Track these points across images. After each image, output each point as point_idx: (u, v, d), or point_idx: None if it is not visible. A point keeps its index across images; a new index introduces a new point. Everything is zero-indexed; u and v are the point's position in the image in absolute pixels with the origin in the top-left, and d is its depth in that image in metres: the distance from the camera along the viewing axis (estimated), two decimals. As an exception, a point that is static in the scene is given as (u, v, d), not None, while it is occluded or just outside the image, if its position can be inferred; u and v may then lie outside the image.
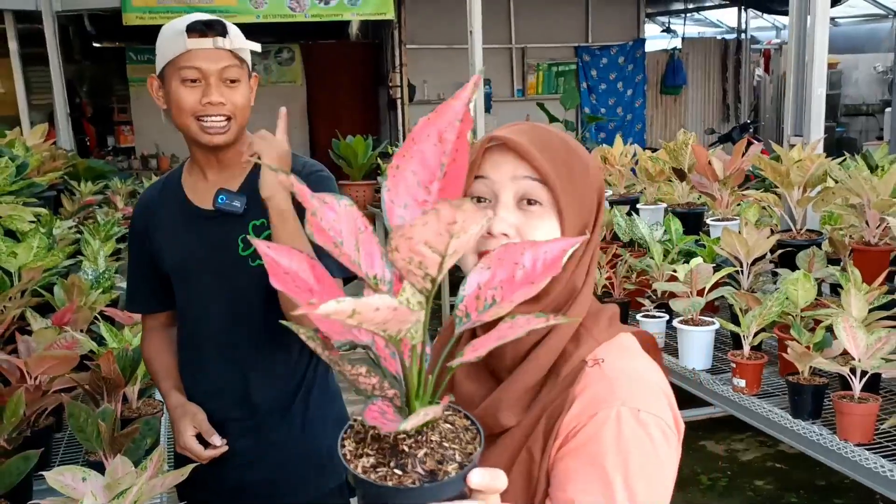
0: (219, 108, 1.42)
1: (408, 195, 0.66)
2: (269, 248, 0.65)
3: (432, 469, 0.64)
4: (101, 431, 1.49)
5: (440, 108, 0.66)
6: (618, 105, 10.08)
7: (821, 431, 1.89)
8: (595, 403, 0.83)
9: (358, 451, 0.66)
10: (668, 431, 0.84)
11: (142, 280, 1.61)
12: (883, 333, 1.80)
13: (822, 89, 2.79)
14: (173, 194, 1.55)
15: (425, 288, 0.62)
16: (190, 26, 1.39)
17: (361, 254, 0.64)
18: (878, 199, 2.31)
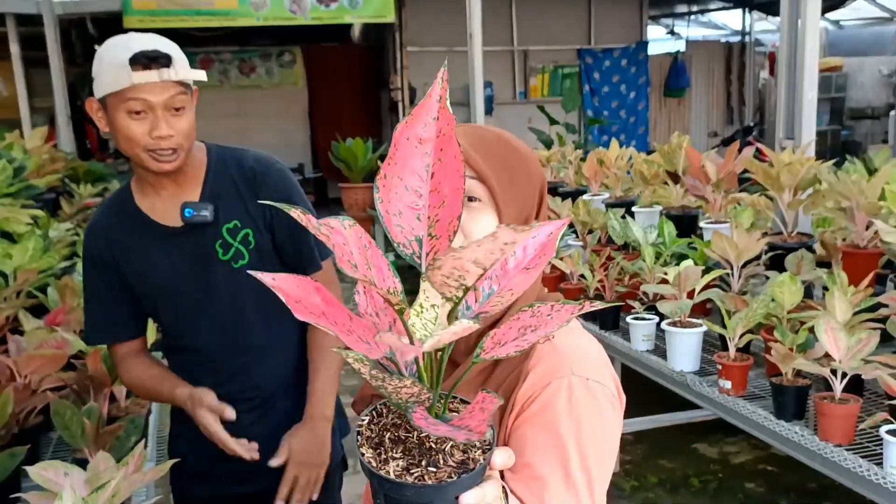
0: (167, 141, 1.41)
1: (400, 203, 0.67)
2: (275, 279, 0.65)
3: (462, 459, 0.67)
4: (86, 429, 1.51)
5: (415, 110, 0.67)
6: (621, 108, 10.09)
7: (802, 432, 1.90)
8: (547, 374, 0.90)
9: (382, 457, 0.67)
10: (613, 399, 0.92)
11: (104, 310, 1.56)
12: (864, 335, 1.81)
13: (813, 93, 2.80)
14: (132, 217, 1.52)
15: (456, 296, 0.64)
16: (133, 59, 1.36)
17: (373, 271, 0.65)
18: (867, 202, 2.32)
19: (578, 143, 6.38)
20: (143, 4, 6.49)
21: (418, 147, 0.67)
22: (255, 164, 1.54)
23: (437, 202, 0.68)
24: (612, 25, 9.98)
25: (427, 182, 0.67)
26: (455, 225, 0.68)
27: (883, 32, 10.86)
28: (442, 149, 0.67)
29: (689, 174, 3.12)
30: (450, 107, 0.67)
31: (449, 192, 0.68)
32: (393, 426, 0.70)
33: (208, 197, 1.50)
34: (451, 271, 0.61)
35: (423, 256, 0.67)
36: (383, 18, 7.48)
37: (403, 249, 0.68)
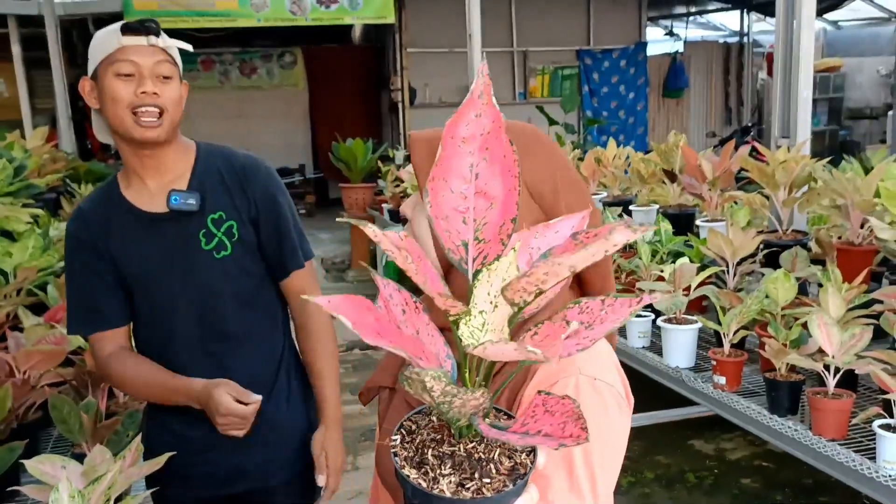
0: (153, 99, 1.43)
1: (446, 206, 0.65)
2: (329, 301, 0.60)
3: (511, 466, 0.64)
4: (84, 423, 1.52)
5: (460, 108, 0.64)
6: (620, 108, 10.11)
7: (796, 427, 1.91)
8: (555, 373, 0.88)
9: (431, 476, 0.63)
10: (621, 399, 0.89)
11: (84, 297, 1.55)
12: (857, 330, 1.82)
13: (808, 91, 2.82)
14: (116, 205, 1.53)
15: (524, 301, 0.61)
16: (125, 25, 1.44)
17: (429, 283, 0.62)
18: (861, 200, 2.33)
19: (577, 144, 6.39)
20: (144, 5, 6.52)
21: (462, 146, 0.64)
22: (244, 160, 1.58)
23: (485, 204, 0.65)
24: (611, 26, 10.00)
25: (472, 183, 0.64)
26: (508, 228, 0.65)
27: (881, 33, 10.87)
28: (487, 147, 0.64)
29: (686, 173, 3.14)
30: (496, 103, 0.64)
31: (500, 194, 0.64)
32: (433, 441, 0.67)
33: (195, 187, 1.53)
34: (540, 276, 0.58)
35: (469, 262, 0.65)
36: (383, 19, 7.50)
37: (452, 255, 0.65)
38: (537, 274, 0.58)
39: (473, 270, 0.64)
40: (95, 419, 1.56)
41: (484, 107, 0.64)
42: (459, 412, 0.61)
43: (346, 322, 0.58)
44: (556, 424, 0.61)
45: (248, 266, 1.55)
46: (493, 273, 0.61)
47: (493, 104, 0.64)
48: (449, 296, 0.61)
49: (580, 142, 7.31)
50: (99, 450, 1.30)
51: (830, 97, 10.67)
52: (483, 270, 0.61)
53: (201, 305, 1.53)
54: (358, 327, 0.59)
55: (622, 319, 0.62)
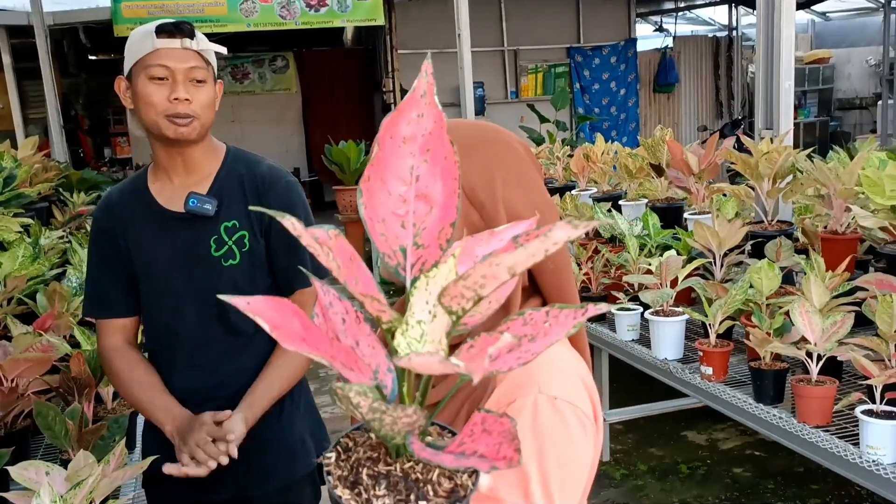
0: (185, 106, 1.46)
1: (383, 208, 0.61)
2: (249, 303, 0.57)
3: (451, 488, 0.61)
4: (69, 430, 1.53)
5: (399, 106, 0.61)
6: (611, 105, 10.12)
7: (781, 415, 1.93)
8: (514, 390, 0.84)
9: (363, 497, 0.60)
10: (585, 419, 0.85)
11: (107, 282, 1.59)
12: (838, 317, 1.84)
13: (790, 82, 2.83)
14: (140, 198, 1.58)
15: (463, 308, 0.57)
16: (159, 27, 1.45)
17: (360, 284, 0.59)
18: (844, 188, 2.35)
19: (569, 141, 6.41)
20: (133, 13, 6.53)
21: (402, 147, 0.61)
22: (266, 171, 1.58)
23: (425, 209, 0.62)
24: (601, 23, 10.02)
25: (412, 186, 0.61)
26: (448, 232, 0.62)
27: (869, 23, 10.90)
28: (429, 149, 0.61)
29: (672, 166, 3.15)
30: (438, 102, 0.61)
31: (440, 196, 0.61)
32: (369, 460, 0.63)
33: (215, 193, 1.54)
34: (478, 280, 0.54)
35: (408, 268, 0.61)
36: (373, 21, 7.51)
37: (388, 260, 0.62)
38: (474, 277, 0.54)
39: (412, 277, 0.61)
40: (81, 425, 1.56)
41: (426, 106, 0.60)
42: (392, 430, 0.58)
43: (265, 325, 0.55)
44: (493, 445, 0.58)
45: (255, 277, 1.56)
46: (431, 280, 0.57)
47: (436, 104, 0.61)
48: (381, 300, 0.58)
49: (572, 139, 7.33)
50: (82, 455, 1.31)
51: (820, 88, 10.71)
52: (421, 277, 0.57)
53: (204, 309, 1.54)
54: (277, 331, 0.56)
55: (566, 331, 0.59)
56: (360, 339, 0.62)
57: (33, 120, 7.60)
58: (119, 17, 6.45)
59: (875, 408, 1.71)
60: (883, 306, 1.77)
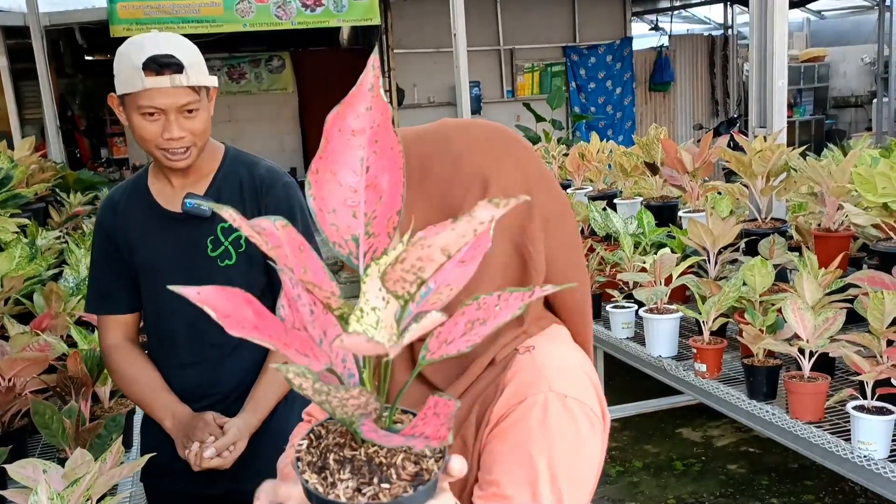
0: (179, 142, 1.48)
1: (334, 199, 0.62)
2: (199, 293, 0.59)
3: (416, 472, 0.62)
4: (66, 428, 1.54)
5: (345, 99, 0.62)
6: (607, 103, 10.14)
7: (774, 411, 1.94)
8: (524, 389, 0.84)
9: (329, 481, 0.62)
10: (594, 418, 0.86)
11: (108, 279, 1.62)
12: (830, 314, 1.85)
13: (783, 81, 2.84)
14: (141, 197, 1.60)
15: (408, 293, 0.58)
16: (146, 64, 1.42)
17: (310, 274, 0.60)
18: (836, 186, 2.36)
19: (565, 140, 6.42)
20: (130, 14, 6.52)
21: (351, 139, 0.62)
22: (265, 173, 1.59)
23: (375, 197, 0.63)
24: (597, 22, 10.03)
25: (362, 176, 0.62)
26: (395, 220, 0.64)
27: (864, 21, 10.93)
28: (377, 140, 0.62)
29: (667, 165, 3.17)
30: (384, 95, 0.63)
31: (387, 187, 0.63)
32: (336, 446, 0.65)
33: (213, 194, 1.56)
34: (414, 263, 0.56)
35: (360, 257, 0.63)
36: (368, 21, 7.50)
37: (339, 249, 0.63)
38: (410, 259, 0.56)
39: (364, 265, 0.62)
40: (78, 423, 1.57)
41: (373, 99, 0.62)
42: (343, 412, 0.59)
43: (212, 314, 0.57)
44: (436, 426, 0.59)
45: (252, 278, 1.57)
46: (382, 267, 0.58)
47: (382, 96, 0.62)
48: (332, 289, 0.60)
49: (568, 137, 7.34)
50: (79, 452, 1.32)
51: (815, 86, 10.74)
52: (373, 265, 0.58)
53: (199, 309, 1.55)
54: (226, 320, 0.57)
55: (514, 313, 0.62)
56: (328, 329, 0.63)
57: (30, 120, 7.60)
58: (115, 17, 6.44)
59: (866, 404, 1.73)
60: (874, 303, 1.78)
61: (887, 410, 1.71)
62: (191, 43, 1.52)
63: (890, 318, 1.77)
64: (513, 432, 0.82)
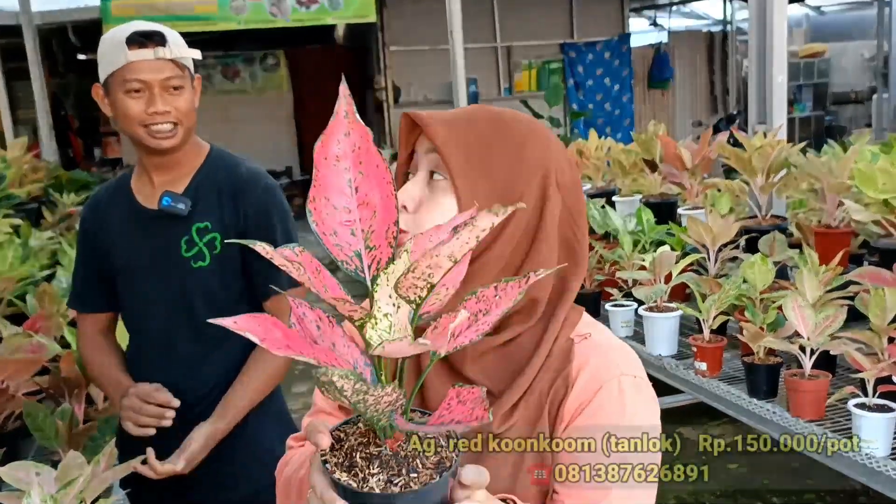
0: (164, 117, 1.46)
1: (333, 222, 0.68)
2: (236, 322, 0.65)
3: (437, 461, 0.68)
4: (59, 430, 1.52)
5: (326, 130, 0.68)
6: (605, 100, 10.12)
7: (775, 409, 1.93)
8: (596, 378, 0.87)
9: (360, 476, 0.67)
10: (651, 388, 0.92)
11: (88, 278, 1.63)
12: (831, 311, 1.84)
13: (783, 77, 2.83)
14: (122, 195, 1.59)
15: (419, 296, 0.64)
16: (129, 38, 1.43)
17: (329, 291, 0.66)
18: (836, 182, 2.35)
19: (563, 137, 6.40)
20: (123, 12, 6.48)
21: (337, 165, 0.68)
22: (245, 174, 1.57)
23: (368, 214, 0.69)
24: (595, 19, 10.01)
25: (353, 197, 0.68)
26: (393, 231, 0.69)
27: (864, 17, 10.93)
28: (361, 161, 0.68)
29: (666, 162, 3.15)
30: (359, 119, 0.68)
31: (379, 201, 0.69)
32: (360, 445, 0.70)
33: (190, 193, 1.54)
34: (424, 270, 0.62)
35: (366, 270, 0.68)
36: (364, 18, 7.48)
37: (346, 267, 0.69)
38: (421, 268, 0.61)
39: (371, 277, 0.68)
40: (71, 425, 1.56)
41: (351, 125, 0.68)
42: (376, 410, 0.64)
43: (254, 339, 0.62)
44: (466, 411, 0.65)
45: (226, 280, 1.54)
46: (390, 276, 0.64)
47: (358, 120, 0.67)
48: (350, 300, 0.64)
49: (566, 135, 7.33)
50: (72, 455, 1.31)
51: (815, 83, 10.72)
52: (381, 275, 0.64)
53: (172, 310, 1.54)
54: (265, 342, 0.63)
55: (514, 300, 0.68)
56: (336, 340, 0.69)
57: (23, 121, 7.56)
58: (108, 15, 6.41)
59: (868, 401, 1.71)
60: (876, 300, 1.77)
61: (888, 408, 1.70)
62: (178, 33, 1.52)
63: (891, 315, 1.76)
64: (599, 419, 0.85)
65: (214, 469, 1.51)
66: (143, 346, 1.59)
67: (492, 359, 0.86)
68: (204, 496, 1.58)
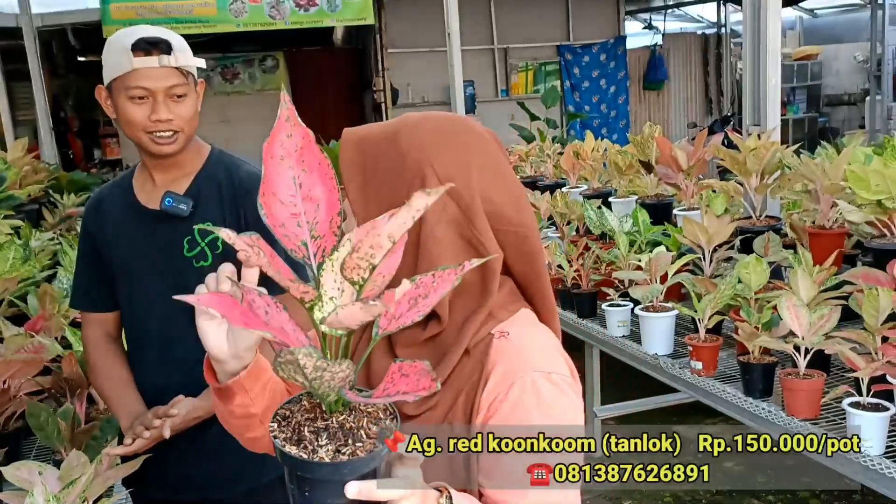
0: (167, 125, 1.47)
1: (281, 215, 0.74)
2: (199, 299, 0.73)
3: (378, 431, 0.74)
4: (62, 430, 1.54)
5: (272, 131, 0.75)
6: (601, 102, 10.15)
7: (770, 408, 1.95)
8: (509, 374, 0.89)
9: (310, 448, 0.72)
10: (571, 382, 0.94)
11: (88, 277, 1.63)
12: (825, 311, 1.86)
13: (777, 79, 2.85)
14: (124, 194, 1.60)
15: (362, 278, 0.70)
16: (135, 44, 1.44)
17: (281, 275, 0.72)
18: (830, 184, 2.37)
19: (559, 138, 6.42)
20: (122, 14, 6.50)
21: (282, 163, 0.74)
22: (246, 176, 1.58)
23: (312, 207, 0.74)
24: (591, 21, 10.04)
25: (298, 192, 0.74)
26: (337, 221, 0.75)
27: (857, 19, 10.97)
28: (304, 159, 0.74)
29: (661, 163, 3.17)
30: (300, 122, 0.75)
31: (323, 195, 0.74)
32: (307, 420, 0.75)
33: (192, 193, 1.55)
34: (367, 251, 0.67)
35: (312, 257, 0.74)
36: (363, 21, 7.50)
37: (295, 255, 0.75)
38: (363, 248, 0.67)
39: (317, 263, 0.73)
40: (73, 425, 1.57)
41: (293, 127, 0.74)
42: (329, 385, 0.70)
43: (216, 313, 0.70)
44: (412, 382, 0.71)
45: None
46: (335, 262, 0.70)
47: (299, 123, 0.73)
48: (299, 281, 0.70)
49: (562, 136, 7.34)
50: (75, 454, 1.32)
51: (808, 84, 10.77)
52: (326, 261, 0.70)
53: (173, 309, 1.54)
54: (227, 316, 0.69)
55: (452, 284, 0.74)
56: (283, 324, 0.74)
57: (23, 122, 7.56)
58: (108, 18, 6.43)
59: (862, 400, 1.74)
60: (869, 300, 1.79)
61: (882, 407, 1.72)
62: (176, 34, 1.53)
63: (884, 315, 1.78)
64: (513, 416, 0.87)
65: (213, 467, 1.52)
66: (142, 346, 1.60)
67: (418, 350, 0.93)
68: (202, 494, 1.58)
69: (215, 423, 1.55)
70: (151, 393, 1.55)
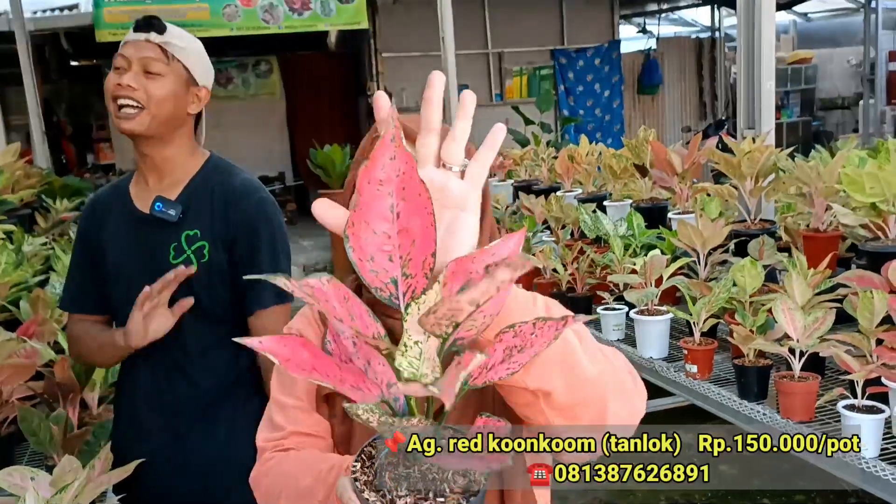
0: (129, 92, 1.44)
1: (370, 247, 0.67)
2: (261, 342, 0.65)
3: (465, 484, 0.68)
4: (54, 435, 1.53)
5: (372, 153, 0.66)
6: (596, 106, 10.17)
7: (765, 411, 1.95)
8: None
9: (388, 498, 0.68)
10: None
11: (81, 280, 1.63)
12: (820, 314, 1.86)
13: (771, 82, 2.86)
14: (120, 198, 1.59)
15: (445, 333, 0.64)
16: (137, 22, 1.49)
17: (357, 321, 0.65)
18: (824, 187, 2.37)
19: (553, 142, 6.43)
20: (115, 18, 6.50)
21: (380, 189, 0.66)
22: (238, 185, 1.56)
23: (408, 241, 0.67)
24: (585, 25, 10.07)
25: (394, 223, 0.66)
26: (430, 262, 0.67)
27: (850, 23, 11.04)
28: (404, 188, 0.66)
29: (656, 167, 3.17)
30: (407, 145, 0.66)
31: (418, 230, 0.67)
32: (390, 465, 0.70)
33: (183, 199, 1.54)
34: (447, 313, 0.61)
35: (400, 297, 0.67)
36: (357, 25, 7.51)
37: (381, 293, 0.67)
38: (442, 311, 0.61)
39: (405, 304, 0.67)
40: (65, 430, 1.56)
41: (397, 150, 0.66)
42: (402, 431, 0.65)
43: (276, 360, 0.63)
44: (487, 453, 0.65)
45: (213, 291, 1.53)
46: (422, 305, 0.64)
47: (405, 146, 0.66)
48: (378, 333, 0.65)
49: (557, 140, 7.36)
50: (67, 459, 1.31)
51: (802, 88, 10.83)
52: (412, 304, 0.65)
53: None
54: (288, 363, 0.63)
55: (550, 340, 0.66)
56: (371, 358, 0.69)
57: (15, 126, 7.54)
58: (101, 22, 6.42)
59: (857, 402, 1.73)
60: (864, 303, 1.79)
61: (877, 409, 1.72)
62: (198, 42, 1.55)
63: (879, 318, 1.78)
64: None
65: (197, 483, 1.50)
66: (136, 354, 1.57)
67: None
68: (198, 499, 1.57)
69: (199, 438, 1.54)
70: (143, 397, 1.54)
